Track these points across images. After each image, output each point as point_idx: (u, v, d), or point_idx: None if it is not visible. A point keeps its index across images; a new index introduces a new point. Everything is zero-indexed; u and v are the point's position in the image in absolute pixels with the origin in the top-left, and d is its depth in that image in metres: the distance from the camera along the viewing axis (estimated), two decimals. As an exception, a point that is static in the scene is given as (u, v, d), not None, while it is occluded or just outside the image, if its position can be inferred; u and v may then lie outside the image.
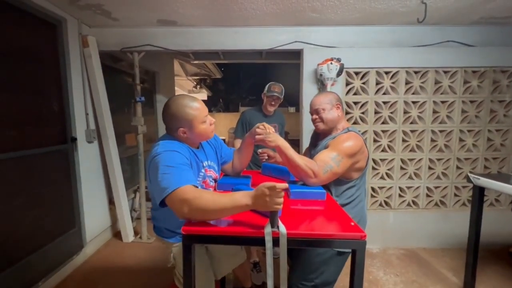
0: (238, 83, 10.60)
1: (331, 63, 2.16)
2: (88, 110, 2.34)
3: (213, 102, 9.96)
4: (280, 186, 0.77)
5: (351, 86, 2.37)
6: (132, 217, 2.80)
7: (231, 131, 6.20)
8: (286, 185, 0.78)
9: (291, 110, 7.58)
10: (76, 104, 2.19)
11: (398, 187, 2.48)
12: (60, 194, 2.05)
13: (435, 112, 2.40)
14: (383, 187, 2.47)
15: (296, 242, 0.82)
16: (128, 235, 2.59)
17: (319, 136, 1.42)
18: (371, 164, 2.44)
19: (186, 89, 6.51)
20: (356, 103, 2.39)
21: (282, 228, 0.80)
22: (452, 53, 2.31)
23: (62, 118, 2.09)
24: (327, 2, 1.93)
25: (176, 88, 4.83)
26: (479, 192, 1.71)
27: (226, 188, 1.20)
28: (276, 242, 0.80)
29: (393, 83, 2.37)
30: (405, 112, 2.39)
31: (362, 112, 2.41)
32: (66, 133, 2.11)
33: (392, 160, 2.44)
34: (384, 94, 2.37)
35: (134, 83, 2.56)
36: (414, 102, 2.38)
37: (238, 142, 2.20)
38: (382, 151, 2.44)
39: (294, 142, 2.49)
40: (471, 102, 2.38)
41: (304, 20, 2.25)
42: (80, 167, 2.22)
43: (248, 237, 0.83)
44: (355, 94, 2.38)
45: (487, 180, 1.60)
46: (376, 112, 2.41)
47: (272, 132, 1.18)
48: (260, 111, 2.27)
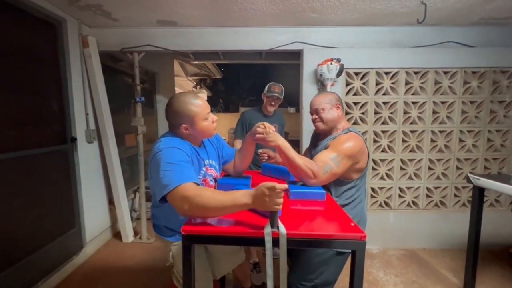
0: (238, 83, 10.58)
1: (331, 64, 2.16)
2: (88, 110, 2.34)
3: (213, 103, 9.94)
4: (280, 187, 0.77)
5: (351, 86, 2.37)
6: (132, 217, 2.79)
7: (231, 132, 6.19)
8: (286, 185, 0.78)
9: (291, 110, 7.56)
10: (76, 104, 2.19)
11: (398, 187, 2.48)
12: (60, 194, 2.05)
13: (435, 112, 2.40)
14: (383, 187, 2.47)
15: (296, 242, 0.82)
16: (128, 236, 2.59)
17: (319, 136, 1.42)
18: (371, 165, 2.44)
19: (186, 89, 6.50)
20: (356, 103, 2.40)
21: (282, 229, 0.80)
22: (452, 53, 2.31)
23: (62, 118, 2.09)
24: (327, 3, 1.93)
25: (176, 88, 4.84)
26: (479, 193, 1.70)
27: (226, 188, 1.17)
28: (276, 243, 0.80)
29: (393, 83, 2.37)
30: (405, 112, 2.39)
31: (362, 113, 2.41)
32: (66, 133, 2.11)
33: (392, 160, 2.44)
34: (384, 94, 2.37)
35: (134, 84, 2.56)
36: (414, 103, 2.38)
37: (238, 143, 2.20)
38: (382, 151, 2.44)
39: (294, 143, 2.48)
40: (471, 102, 2.38)
41: (304, 20, 2.25)
42: (80, 167, 2.22)
43: (248, 237, 0.83)
44: (355, 94, 2.38)
45: (487, 181, 1.60)
46: (376, 113, 2.41)
47: (273, 132, 1.18)
48: (260, 112, 2.27)
